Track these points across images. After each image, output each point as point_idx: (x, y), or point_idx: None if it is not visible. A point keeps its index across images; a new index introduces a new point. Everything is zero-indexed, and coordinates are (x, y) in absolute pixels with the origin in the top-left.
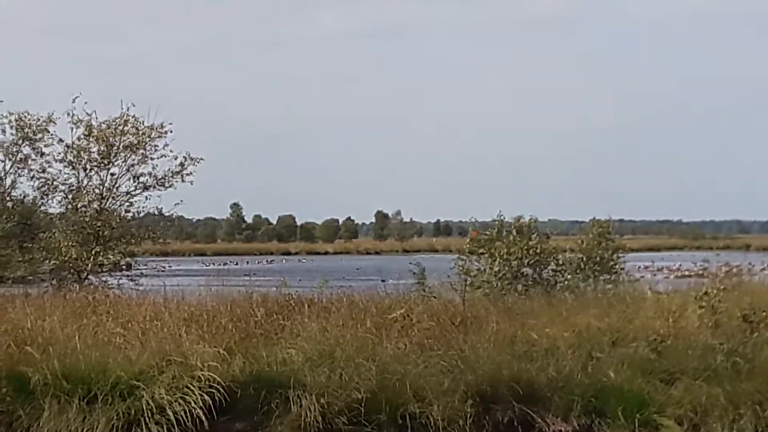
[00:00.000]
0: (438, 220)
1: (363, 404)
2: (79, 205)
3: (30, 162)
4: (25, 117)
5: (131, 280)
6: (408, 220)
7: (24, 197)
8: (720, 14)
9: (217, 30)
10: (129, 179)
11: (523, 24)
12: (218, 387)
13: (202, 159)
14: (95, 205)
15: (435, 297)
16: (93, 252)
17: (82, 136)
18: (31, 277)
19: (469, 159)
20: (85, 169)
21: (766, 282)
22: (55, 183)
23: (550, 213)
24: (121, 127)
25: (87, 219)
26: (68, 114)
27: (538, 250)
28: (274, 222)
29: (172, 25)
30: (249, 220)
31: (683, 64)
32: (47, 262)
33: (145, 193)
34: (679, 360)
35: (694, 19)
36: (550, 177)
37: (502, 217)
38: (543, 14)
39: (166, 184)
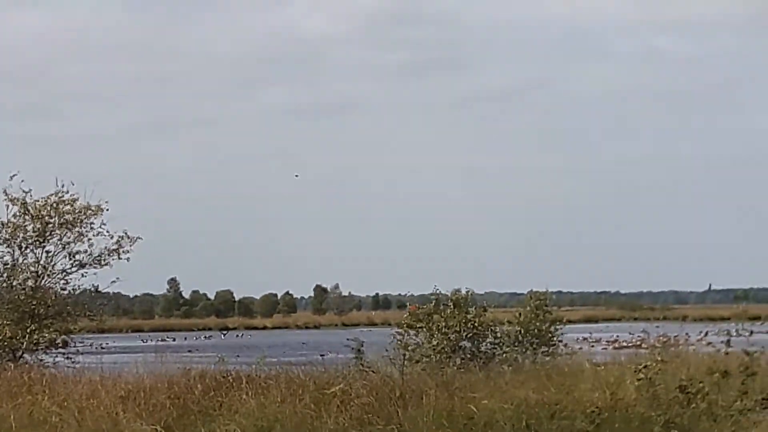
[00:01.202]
0: (377, 294)
1: None
2: (14, 283)
3: None
4: None
5: (67, 357)
6: (346, 293)
7: None
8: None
9: (159, 107)
10: (65, 257)
11: (468, 100)
12: None
13: (140, 238)
14: (30, 283)
15: (374, 371)
16: (28, 330)
17: (18, 214)
18: None
19: (407, 233)
20: (20, 247)
21: (703, 353)
22: None
23: (488, 286)
24: (56, 205)
25: (22, 297)
26: (4, 192)
27: (475, 323)
28: (212, 297)
29: (113, 102)
30: (187, 295)
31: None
32: None
33: (81, 271)
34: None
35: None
36: (489, 250)
37: (439, 291)
38: (490, 90)
39: (102, 262)
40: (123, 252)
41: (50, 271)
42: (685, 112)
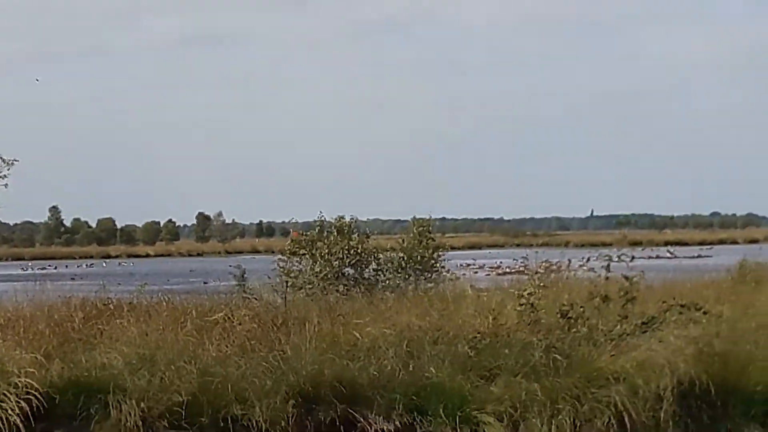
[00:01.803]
0: (260, 221)
1: (184, 407)
2: None
3: None
4: None
5: None
6: (230, 221)
7: None
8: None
9: (45, 37)
10: None
11: (356, 32)
12: (36, 393)
13: (16, 161)
14: None
15: (256, 299)
16: None
17: None
18: None
19: (292, 161)
20: None
21: (584, 278)
22: None
23: (373, 213)
24: None
25: None
26: None
27: (359, 250)
28: (94, 225)
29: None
30: (68, 223)
31: (512, 73)
32: None
33: None
34: (499, 357)
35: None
36: (374, 178)
37: (323, 218)
38: (377, 22)
39: None
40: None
41: None
42: (573, 44)
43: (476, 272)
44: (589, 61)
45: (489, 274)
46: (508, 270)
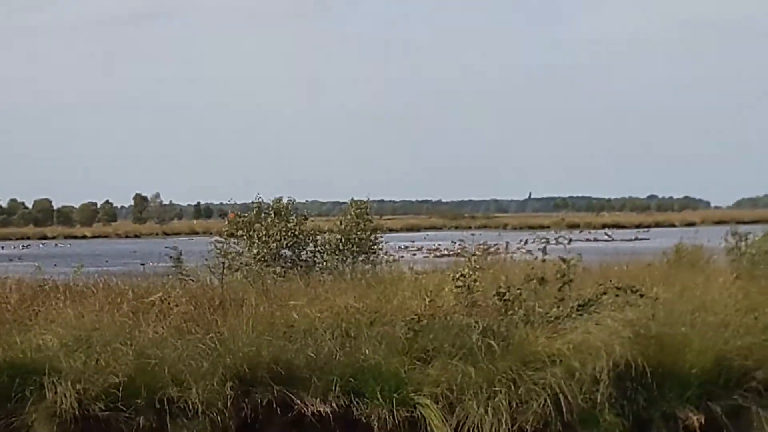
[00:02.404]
0: (198, 203)
1: (120, 389)
2: None
3: None
4: None
5: None
6: (167, 202)
7: None
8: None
9: None
10: None
11: (296, 9)
12: None
13: None
14: None
15: (193, 280)
16: None
17: None
18: None
19: (230, 142)
20: None
21: (521, 260)
22: None
23: (312, 195)
24: None
25: None
26: None
27: (296, 232)
28: (30, 206)
29: None
30: (4, 204)
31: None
32: None
33: None
34: (436, 339)
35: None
36: (313, 160)
37: (260, 199)
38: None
39: None
40: None
41: None
42: (506, 21)
43: (414, 254)
44: (527, 39)
45: (427, 256)
46: (446, 252)
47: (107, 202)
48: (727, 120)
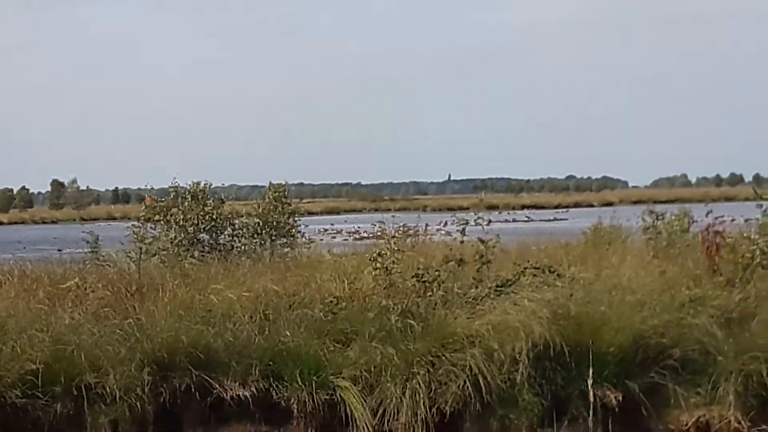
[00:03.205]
0: (116, 188)
1: (37, 376)
2: None
3: None
4: None
5: None
6: (85, 188)
7: None
8: None
9: None
10: None
11: None
12: None
13: None
14: None
15: (110, 266)
16: None
17: None
18: None
19: (146, 127)
20: None
21: (440, 242)
22: None
23: (231, 178)
24: None
25: None
26: None
27: (214, 216)
28: None
29: None
30: None
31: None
32: None
33: None
34: (355, 321)
35: None
36: (232, 143)
37: (177, 184)
38: None
39: None
40: None
41: None
42: (432, 6)
43: (334, 237)
44: (445, 22)
45: (347, 239)
46: (365, 235)
47: (23, 188)
48: (645, 101)
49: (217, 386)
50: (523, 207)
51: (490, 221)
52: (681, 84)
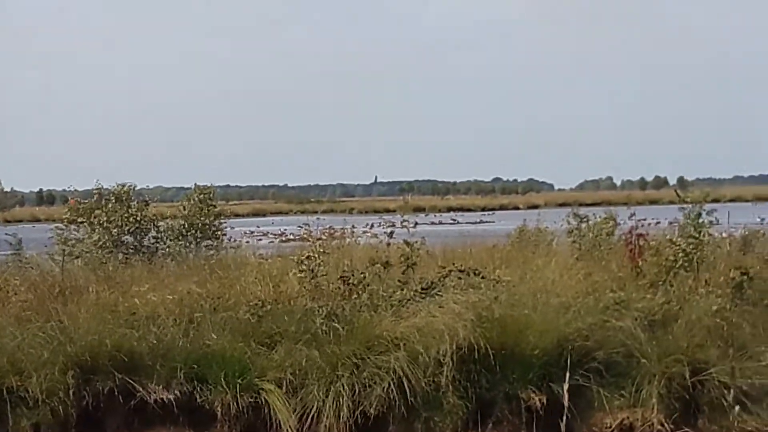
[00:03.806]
0: (41, 189)
1: None
2: None
3: None
4: None
5: None
6: (9, 189)
7: None
8: None
9: None
10: None
11: None
12: None
13: None
14: None
15: (33, 268)
16: None
17: None
18: None
19: (71, 128)
20: None
21: (366, 244)
22: None
23: (157, 180)
24: None
25: None
26: None
27: (138, 218)
28: None
29: None
30: None
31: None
32: None
33: None
34: (280, 324)
35: None
36: (157, 144)
37: (101, 185)
38: None
39: None
40: None
41: None
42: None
43: (260, 239)
44: (381, 18)
45: (273, 242)
46: (291, 237)
47: None
48: (571, 103)
49: (141, 389)
50: (449, 209)
51: (416, 223)
52: (606, 87)
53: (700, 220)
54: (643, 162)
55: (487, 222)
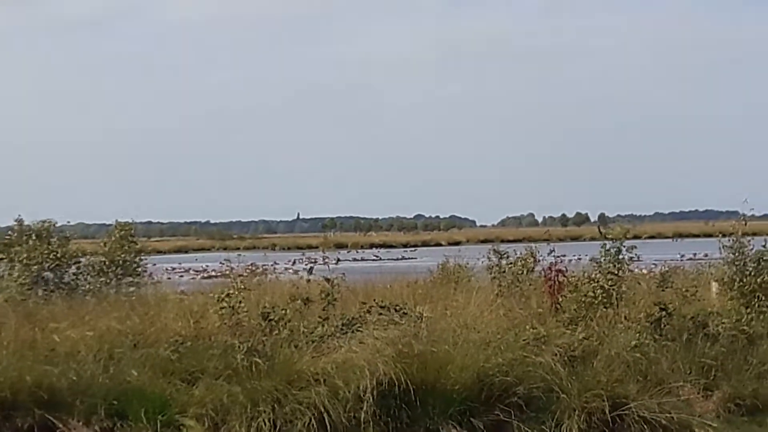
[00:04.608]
0: None
1: None
2: None
3: None
4: None
5: None
6: None
7: None
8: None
9: None
10: None
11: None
12: None
13: None
14: None
15: None
16: None
17: None
18: None
19: None
20: None
21: (287, 280)
22: None
23: (78, 216)
24: None
25: None
26: None
27: (58, 254)
28: None
29: None
30: None
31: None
32: None
33: None
34: (201, 360)
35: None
36: (80, 180)
37: (22, 221)
38: (77, 16)
39: None
40: None
41: None
42: (275, 40)
43: (182, 276)
44: (292, 58)
45: (194, 278)
46: (213, 273)
47: None
48: (492, 141)
49: (61, 425)
50: (371, 246)
51: (338, 260)
52: (527, 124)
53: (620, 257)
54: (564, 199)
55: (409, 258)
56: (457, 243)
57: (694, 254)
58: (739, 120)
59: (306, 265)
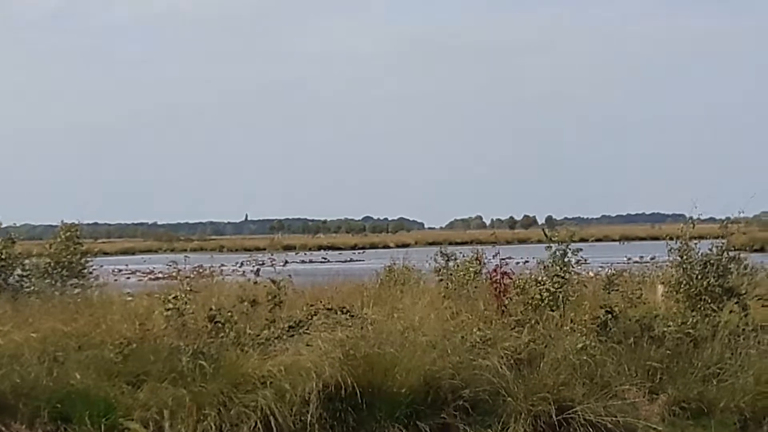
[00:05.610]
0: None
1: None
2: None
3: None
4: None
5: None
6: None
7: None
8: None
9: None
10: None
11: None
12: None
13: None
14: None
15: None
16: None
17: None
18: None
19: None
20: None
21: (234, 282)
22: None
23: (24, 218)
24: None
25: None
26: None
27: (3, 255)
28: None
29: None
30: None
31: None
32: None
33: None
34: (146, 363)
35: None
36: (26, 180)
37: None
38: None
39: None
40: None
41: None
42: (226, 37)
43: (129, 278)
44: (239, 56)
45: (141, 280)
46: (160, 275)
47: None
48: (441, 141)
49: (4, 429)
50: (320, 248)
51: (286, 262)
52: (476, 124)
53: (566, 259)
54: (513, 201)
55: (356, 260)
56: (406, 245)
57: (641, 257)
58: (688, 123)
59: (253, 267)
